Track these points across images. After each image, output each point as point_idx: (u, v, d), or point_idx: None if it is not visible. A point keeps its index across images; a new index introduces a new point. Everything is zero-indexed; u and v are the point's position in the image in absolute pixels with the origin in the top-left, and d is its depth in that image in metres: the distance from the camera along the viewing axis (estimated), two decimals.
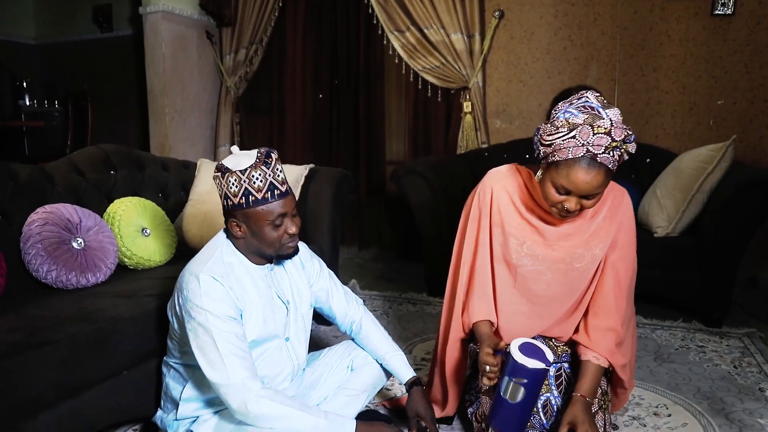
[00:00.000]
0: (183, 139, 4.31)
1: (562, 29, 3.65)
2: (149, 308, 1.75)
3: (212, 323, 1.42)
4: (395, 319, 2.85)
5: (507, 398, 1.45)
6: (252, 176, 1.44)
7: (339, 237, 2.71)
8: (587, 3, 3.57)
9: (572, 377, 1.65)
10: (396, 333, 2.64)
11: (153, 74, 4.19)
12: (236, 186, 1.45)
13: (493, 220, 1.66)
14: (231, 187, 1.46)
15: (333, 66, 4.29)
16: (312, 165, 2.68)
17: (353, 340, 1.83)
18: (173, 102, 4.20)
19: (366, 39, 4.10)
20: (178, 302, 1.50)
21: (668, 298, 2.86)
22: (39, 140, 4.95)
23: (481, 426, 1.65)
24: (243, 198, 1.45)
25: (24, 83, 5.01)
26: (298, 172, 2.60)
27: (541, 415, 1.60)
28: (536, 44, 3.72)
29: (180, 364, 1.60)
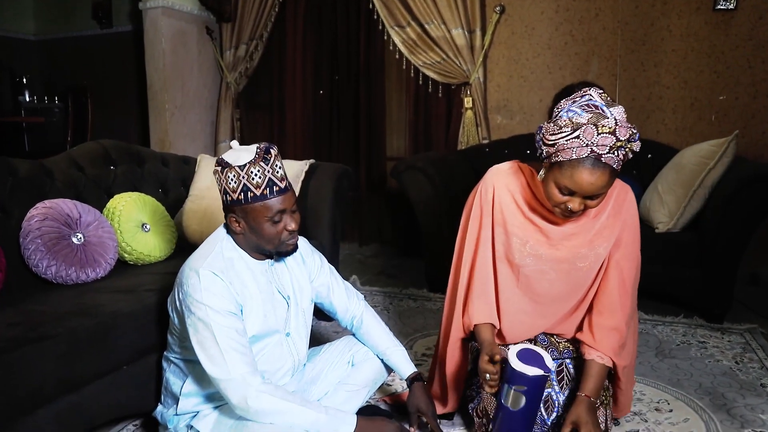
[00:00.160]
0: (183, 135, 4.30)
1: (563, 24, 3.64)
2: (149, 303, 1.75)
3: (212, 318, 1.42)
4: (396, 315, 2.85)
5: (509, 406, 1.45)
6: (251, 172, 1.43)
7: (339, 233, 2.70)
8: None
9: (574, 373, 1.64)
10: (396, 329, 2.64)
11: (153, 70, 4.18)
12: (235, 182, 1.44)
13: (495, 220, 1.65)
14: (230, 183, 1.45)
15: (333, 62, 4.28)
16: (312, 160, 2.67)
17: (354, 336, 1.83)
18: (173, 98, 4.20)
19: (366, 34, 4.09)
20: (179, 297, 1.49)
21: (669, 294, 2.85)
22: (39, 136, 4.93)
23: (482, 421, 1.65)
24: (242, 194, 1.44)
25: (24, 79, 5.00)
26: (299, 168, 2.59)
27: (543, 411, 1.59)
28: (537, 39, 3.70)
29: (180, 359, 1.60)
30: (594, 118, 1.34)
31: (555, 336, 1.72)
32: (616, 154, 1.36)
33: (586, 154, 1.35)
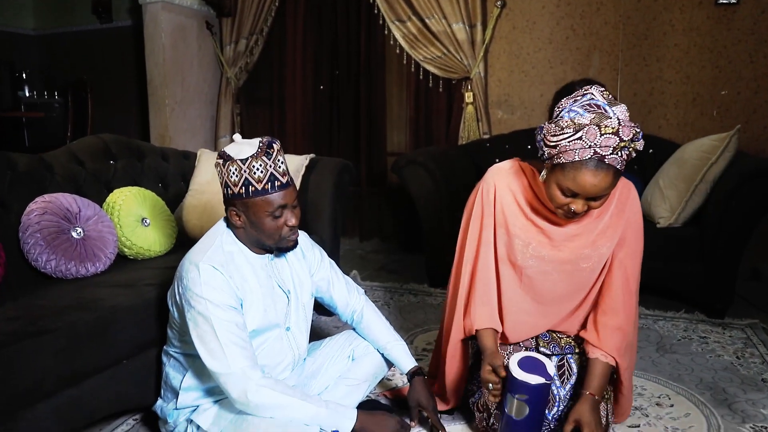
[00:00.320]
0: (183, 131, 4.29)
1: (565, 19, 3.62)
2: (149, 297, 1.74)
3: (212, 312, 1.41)
4: (396, 310, 2.85)
5: (513, 415, 1.44)
6: (253, 166, 1.42)
7: (340, 227, 2.70)
8: None
9: (575, 368, 1.64)
10: (397, 324, 2.63)
11: (153, 65, 4.17)
12: (236, 175, 1.44)
13: (497, 221, 1.63)
14: (231, 176, 1.44)
15: (333, 57, 4.27)
16: (313, 155, 2.66)
17: (354, 330, 1.83)
18: (173, 93, 4.18)
19: (367, 29, 4.07)
20: (178, 291, 1.49)
21: (671, 289, 2.84)
22: (39, 131, 4.92)
23: (483, 416, 1.65)
24: (243, 188, 1.44)
25: (23, 74, 4.99)
26: (299, 162, 2.59)
27: None
28: (538, 34, 3.69)
29: (180, 354, 1.59)
30: (596, 119, 1.31)
31: (557, 332, 1.71)
32: (620, 155, 1.33)
33: (589, 156, 1.32)
